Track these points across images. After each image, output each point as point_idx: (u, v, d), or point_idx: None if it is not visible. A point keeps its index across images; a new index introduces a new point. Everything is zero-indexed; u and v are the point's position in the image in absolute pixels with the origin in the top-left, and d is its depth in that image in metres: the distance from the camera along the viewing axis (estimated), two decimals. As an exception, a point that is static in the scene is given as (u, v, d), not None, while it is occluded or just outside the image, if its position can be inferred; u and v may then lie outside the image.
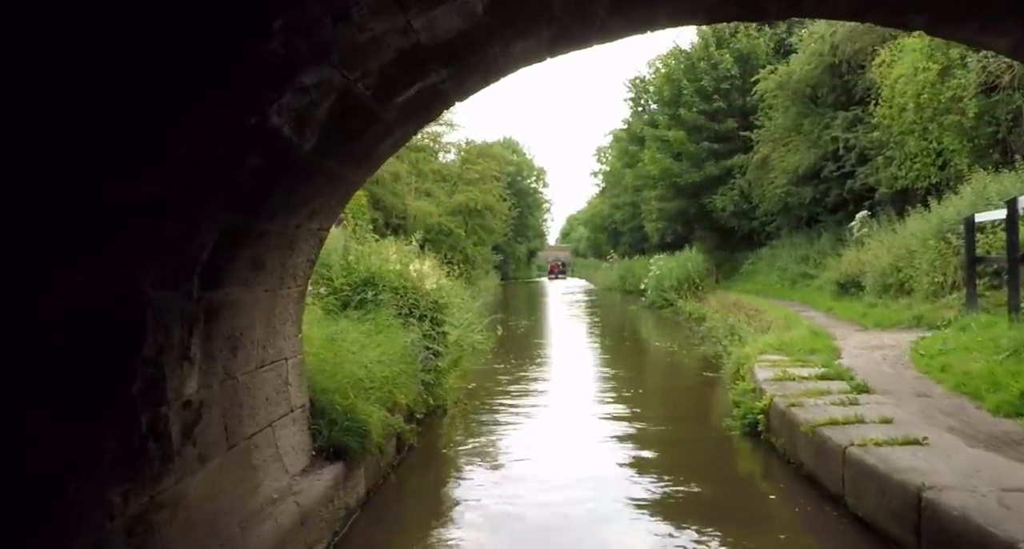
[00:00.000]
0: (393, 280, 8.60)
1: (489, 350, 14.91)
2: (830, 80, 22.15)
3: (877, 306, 14.94)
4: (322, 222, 5.21)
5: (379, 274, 8.72)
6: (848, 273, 17.72)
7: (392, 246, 9.85)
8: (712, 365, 13.51)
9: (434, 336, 8.83)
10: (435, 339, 8.86)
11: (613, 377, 12.86)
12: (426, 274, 8.95)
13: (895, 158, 17.98)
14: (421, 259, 9.59)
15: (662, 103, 33.64)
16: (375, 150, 4.97)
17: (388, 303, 8.23)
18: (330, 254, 9.33)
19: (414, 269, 8.80)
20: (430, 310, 8.82)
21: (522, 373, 12.87)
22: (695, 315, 21.37)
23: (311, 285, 8.62)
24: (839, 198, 22.39)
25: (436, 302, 8.96)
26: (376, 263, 8.73)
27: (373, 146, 4.89)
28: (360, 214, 23.24)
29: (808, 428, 6.42)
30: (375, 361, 6.68)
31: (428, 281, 8.76)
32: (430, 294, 8.81)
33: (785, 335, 12.59)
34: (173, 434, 3.79)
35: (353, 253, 9.23)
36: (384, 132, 4.75)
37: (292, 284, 5.27)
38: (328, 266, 9.04)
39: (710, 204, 30.17)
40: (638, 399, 10.82)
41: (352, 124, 4.26)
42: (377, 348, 7.09)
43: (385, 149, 5.10)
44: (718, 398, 10.78)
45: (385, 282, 8.57)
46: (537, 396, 10.74)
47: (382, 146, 4.98)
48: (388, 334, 7.68)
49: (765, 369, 9.15)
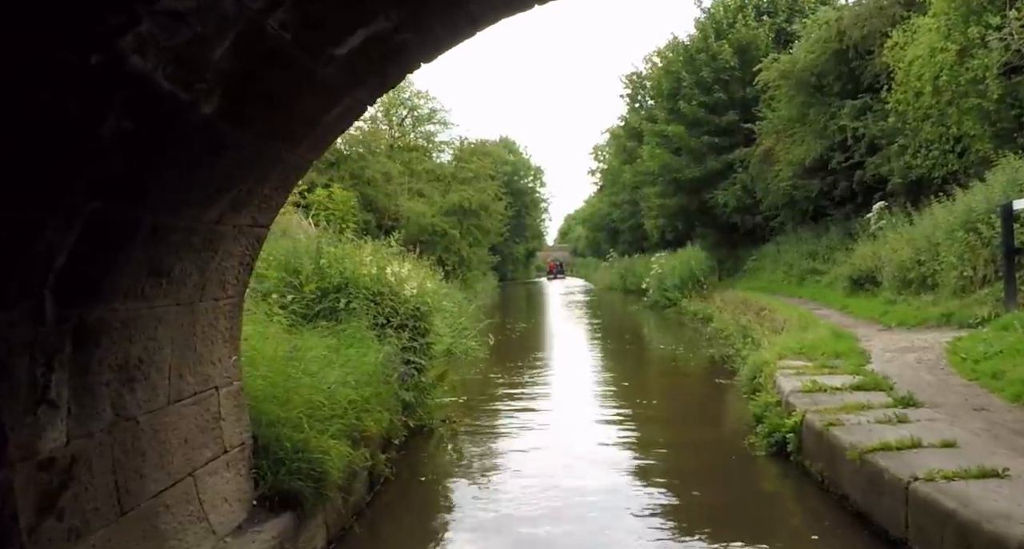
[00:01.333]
0: (367, 286, 7.52)
1: (484, 358, 13.87)
2: (836, 67, 21.04)
3: (897, 303, 13.86)
4: (256, 216, 4.12)
5: (353, 279, 7.64)
6: (862, 268, 16.63)
7: (367, 247, 8.76)
8: (723, 370, 12.43)
9: (416, 348, 7.75)
10: (417, 351, 7.78)
11: (616, 386, 11.78)
12: (405, 278, 7.86)
13: (909, 146, 16.89)
14: (401, 262, 8.48)
15: (660, 97, 32.51)
16: (317, 122, 3.88)
17: (361, 312, 7.14)
18: (301, 257, 8.28)
19: (391, 273, 7.72)
20: (411, 319, 7.74)
21: (519, 383, 11.78)
22: (700, 315, 20.31)
23: (277, 294, 7.56)
24: (847, 190, 21.27)
25: (418, 309, 7.87)
26: (350, 267, 7.65)
27: (314, 116, 3.81)
28: (350, 216, 22.24)
29: (855, 454, 5.33)
30: (339, 382, 5.59)
31: (408, 286, 7.67)
32: (411, 301, 7.73)
33: (803, 336, 11.53)
34: (20, 508, 2.70)
35: (326, 256, 8.15)
36: (325, 96, 3.66)
37: (220, 295, 4.19)
38: (297, 272, 7.98)
39: (711, 200, 29.03)
40: (645, 413, 9.74)
41: (273, 81, 3.18)
42: (344, 366, 6.00)
43: (332, 122, 4.01)
44: (734, 409, 9.69)
45: (359, 288, 7.49)
46: (534, 412, 9.64)
47: (327, 117, 3.89)
48: (359, 348, 6.60)
49: (790, 378, 8.07)
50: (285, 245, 8.69)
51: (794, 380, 7.93)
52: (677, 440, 8.18)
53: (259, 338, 5.72)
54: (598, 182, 58.48)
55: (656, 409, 9.84)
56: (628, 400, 10.37)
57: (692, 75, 30.08)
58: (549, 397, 10.58)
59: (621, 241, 48.04)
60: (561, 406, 9.82)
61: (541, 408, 9.77)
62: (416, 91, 33.50)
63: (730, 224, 29.46)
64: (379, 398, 6.17)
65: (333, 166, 27.02)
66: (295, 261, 8.12)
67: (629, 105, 43.77)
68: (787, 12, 30.49)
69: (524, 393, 10.81)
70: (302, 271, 7.95)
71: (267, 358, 5.38)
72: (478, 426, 8.78)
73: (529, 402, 10.17)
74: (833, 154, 20.96)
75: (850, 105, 20.25)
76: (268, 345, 5.72)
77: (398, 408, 7.20)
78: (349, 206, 22.22)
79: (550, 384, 11.68)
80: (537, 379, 12.00)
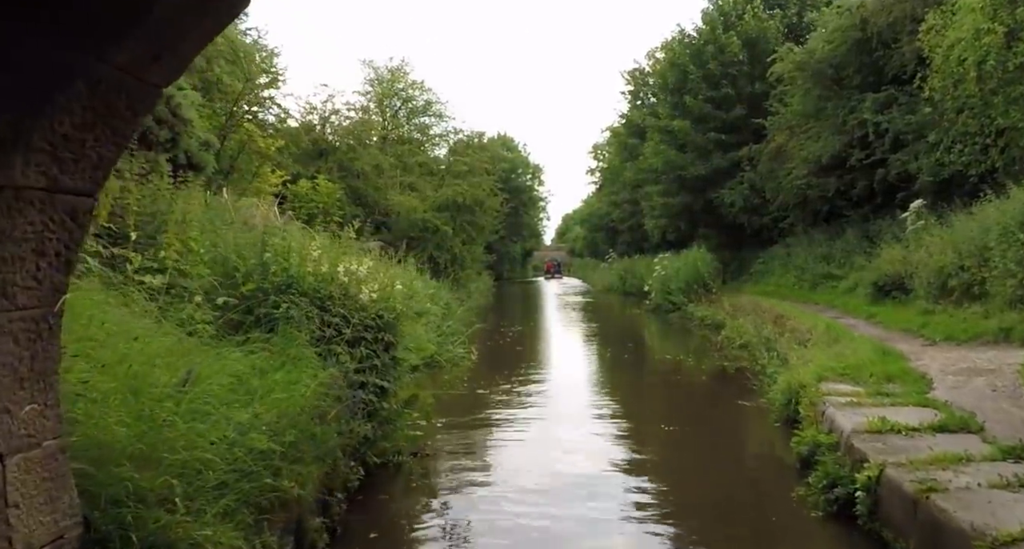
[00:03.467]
0: (313, 287, 5.83)
1: (472, 366, 12.17)
2: (857, 58, 19.36)
3: (935, 313, 12.19)
4: (54, 173, 2.42)
5: (298, 278, 5.95)
6: (889, 274, 14.96)
7: (316, 237, 7.03)
8: (744, 388, 10.74)
9: (378, 367, 6.05)
10: (379, 371, 6.08)
11: (619, 407, 10.06)
12: (364, 279, 6.12)
13: (942, 141, 15.20)
14: (359, 257, 6.71)
15: (665, 91, 30.79)
16: (147, 10, 2.18)
17: (303, 322, 5.44)
18: (243, 250, 6.59)
19: (344, 271, 6.00)
20: (371, 329, 6.03)
21: (508, 402, 10.07)
22: (708, 321, 18.59)
23: (203, 295, 5.88)
24: (866, 190, 19.59)
25: (380, 318, 6.16)
26: (296, 263, 5.95)
27: None
28: (335, 209, 20.56)
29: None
30: (248, 426, 3.89)
31: (366, 288, 5.95)
32: (370, 307, 6.01)
33: (838, 352, 9.88)
34: None
35: (271, 248, 6.45)
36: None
37: (3, 306, 2.49)
38: (236, 268, 6.29)
39: (717, 199, 27.36)
40: (655, 444, 8.03)
41: None
42: (264, 400, 4.31)
43: (174, 12, 2.30)
44: (766, 441, 8.02)
45: (304, 289, 5.80)
46: (522, 443, 7.86)
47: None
48: (291, 372, 4.90)
49: (845, 411, 6.38)
50: (229, 237, 7.01)
51: (851, 413, 6.25)
52: (700, 491, 6.45)
53: (145, 360, 4.03)
54: (597, 181, 56.80)
55: (668, 443, 8.10)
56: (633, 429, 8.61)
57: (699, 69, 28.43)
58: (542, 421, 8.82)
59: (620, 241, 46.26)
60: (555, 436, 8.08)
61: (531, 438, 8.01)
62: (411, 82, 31.79)
63: (736, 225, 27.81)
64: (313, 442, 4.47)
65: (321, 157, 25.39)
66: (233, 255, 6.43)
67: (631, 102, 42.10)
68: (799, 4, 28.84)
69: (513, 416, 9.09)
70: (240, 267, 6.26)
71: (144, 391, 3.68)
72: (456, 459, 7.08)
73: (518, 429, 8.42)
74: (852, 151, 19.29)
75: (871, 98, 18.58)
76: (158, 370, 4.04)
77: (351, 446, 5.51)
78: (334, 199, 20.55)
79: (544, 403, 9.91)
80: (529, 397, 10.28)
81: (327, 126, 26.10)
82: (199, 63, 14.29)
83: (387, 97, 31.20)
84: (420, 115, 32.22)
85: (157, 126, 8.78)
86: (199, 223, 7.06)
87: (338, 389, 5.11)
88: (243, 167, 15.25)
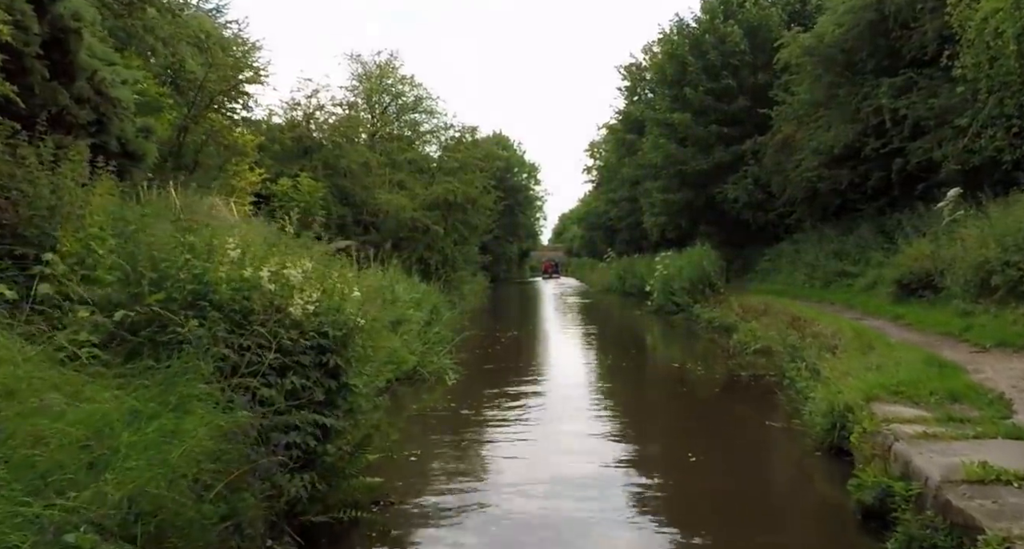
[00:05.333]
0: (228, 298, 4.39)
1: (459, 380, 10.73)
2: (871, 41, 17.92)
3: (976, 315, 10.77)
4: None
5: (215, 285, 4.50)
6: (915, 270, 13.53)
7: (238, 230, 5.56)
8: (768, 402, 9.32)
9: (322, 402, 4.60)
10: (323, 405, 4.63)
11: (626, 430, 8.59)
12: (298, 286, 4.62)
13: (973, 125, 13.78)
14: (296, 258, 5.17)
15: (664, 84, 29.34)
16: None
17: (205, 345, 3.99)
18: (159, 253, 5.13)
19: (269, 275, 4.50)
20: (309, 351, 4.57)
21: (498, 424, 8.60)
22: (717, 323, 17.14)
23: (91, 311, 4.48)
24: (882, 181, 18.15)
25: (323, 335, 4.68)
26: (205, 266, 4.50)
27: None
28: (317, 208, 19.12)
29: None
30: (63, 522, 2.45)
31: (300, 298, 4.45)
32: (307, 323, 4.54)
33: (874, 359, 8.48)
34: None
35: (191, 248, 5.00)
36: None
37: None
38: (142, 274, 4.84)
39: (720, 194, 25.93)
40: (676, 477, 6.57)
41: None
42: (121, 465, 2.87)
43: None
44: (810, 477, 6.57)
45: (219, 301, 4.35)
46: (512, 485, 6.35)
47: None
48: (185, 417, 3.45)
49: (921, 447, 4.95)
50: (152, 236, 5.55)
51: (929, 450, 4.82)
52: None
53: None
54: (594, 180, 55.40)
55: (692, 476, 6.64)
56: (644, 461, 7.13)
57: (698, 60, 27.02)
58: (535, 451, 7.31)
59: (618, 240, 44.79)
60: (549, 472, 6.61)
61: (528, 474, 6.53)
62: (401, 77, 30.31)
63: (739, 221, 26.40)
64: (192, 526, 3.02)
65: (306, 155, 23.92)
66: (146, 258, 4.99)
67: (627, 98, 40.67)
68: (802, -10, 27.42)
69: (501, 444, 7.61)
70: (146, 273, 4.81)
71: None
72: (430, 509, 5.62)
73: (510, 461, 6.96)
74: (867, 140, 17.86)
75: (888, 83, 17.14)
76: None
77: (276, 511, 4.06)
78: (317, 197, 19.10)
79: (537, 426, 8.36)
80: (523, 417, 8.79)
81: (311, 122, 24.63)
82: (157, 46, 12.85)
83: (376, 93, 29.73)
84: (410, 112, 30.75)
85: (76, 105, 7.33)
86: (109, 219, 5.62)
87: (242, 439, 3.66)
88: (209, 162, 13.77)
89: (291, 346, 4.37)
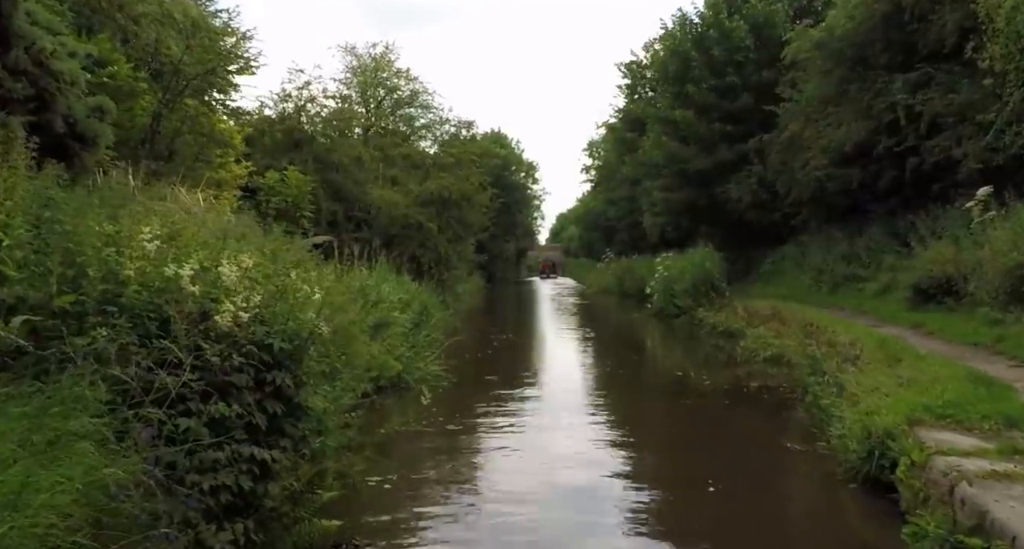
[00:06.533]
0: (136, 301, 3.48)
1: (447, 388, 9.82)
2: (885, 34, 17.03)
3: (1008, 324, 9.88)
4: None
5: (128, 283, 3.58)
6: (935, 275, 12.65)
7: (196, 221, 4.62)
8: (784, 417, 8.44)
9: (266, 431, 3.69)
10: (267, 437, 3.71)
11: (632, 448, 7.66)
12: (231, 287, 3.69)
13: (997, 121, 12.89)
14: (232, 254, 4.19)
15: (666, 80, 28.42)
16: None
17: (94, 363, 3.08)
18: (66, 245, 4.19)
19: (189, 274, 3.57)
20: (245, 370, 3.64)
21: (489, 440, 7.68)
22: (721, 328, 16.24)
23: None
24: (894, 181, 17.28)
25: (266, 348, 3.75)
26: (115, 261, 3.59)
27: None
28: (305, 203, 18.20)
29: None
30: None
31: (231, 303, 3.51)
32: (243, 332, 3.61)
33: (904, 373, 7.60)
34: None
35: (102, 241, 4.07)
36: None
37: None
38: (50, 270, 3.92)
39: (723, 194, 25.03)
40: (695, 512, 5.66)
41: None
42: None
43: None
44: (848, 517, 5.66)
45: (132, 305, 3.45)
46: (510, 520, 5.45)
47: None
48: (66, 461, 2.54)
49: (995, 492, 4.05)
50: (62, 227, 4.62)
51: (1010, 499, 3.93)
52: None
53: None
54: (592, 179, 54.52)
55: (710, 513, 5.72)
56: (658, 499, 6.18)
57: (702, 55, 26.11)
58: (527, 482, 6.36)
59: (617, 241, 43.88)
60: (543, 511, 5.69)
61: (522, 511, 5.61)
62: (396, 70, 29.35)
63: (741, 222, 25.50)
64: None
65: (296, 148, 22.96)
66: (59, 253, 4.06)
67: (627, 96, 39.77)
68: (809, -14, 26.53)
69: (488, 468, 6.69)
70: (55, 270, 3.88)
71: None
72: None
73: (493, 496, 6.00)
74: (880, 138, 16.97)
75: (903, 78, 16.25)
76: None
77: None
78: (305, 191, 18.17)
79: (531, 450, 7.36)
80: (516, 433, 7.87)
81: (302, 115, 23.68)
82: (128, 26, 11.91)
83: (370, 86, 28.77)
84: (406, 106, 29.80)
85: (10, 77, 6.40)
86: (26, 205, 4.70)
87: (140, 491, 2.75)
88: (185, 151, 12.83)
89: (219, 363, 3.45)
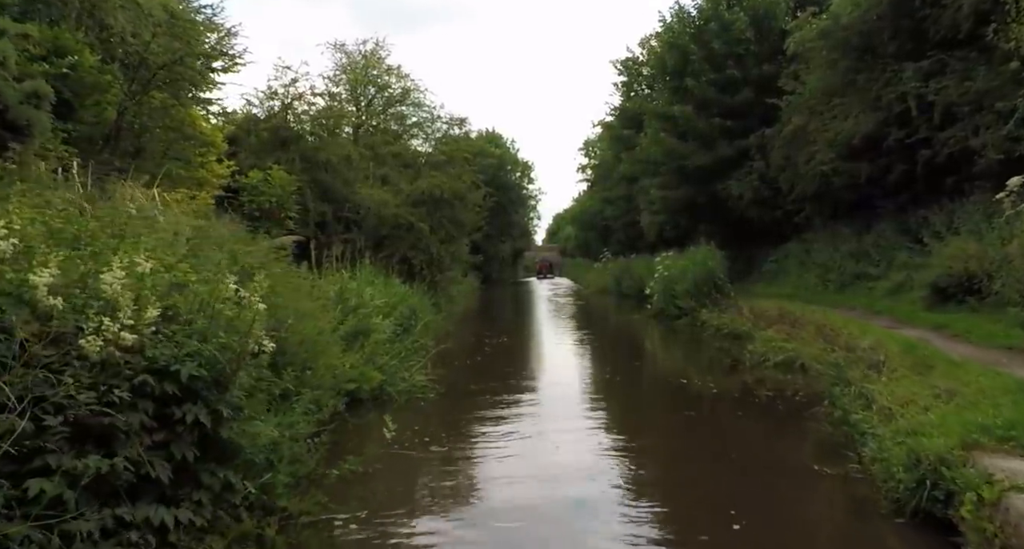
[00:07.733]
0: None
1: (434, 401, 8.93)
2: (894, 21, 16.19)
3: (1042, 325, 9.05)
4: None
5: None
6: (957, 273, 11.81)
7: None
8: (805, 430, 7.56)
9: (169, 483, 2.82)
10: (174, 490, 2.84)
11: (640, 468, 6.78)
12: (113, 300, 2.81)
13: (1019, 108, 12.05)
14: (133, 251, 3.30)
15: (664, 75, 27.56)
16: None
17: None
18: None
19: (46, 283, 2.65)
20: (142, 401, 2.75)
21: (479, 465, 6.79)
22: (727, 330, 15.37)
23: None
24: (905, 175, 16.44)
25: (174, 376, 2.86)
26: None
27: None
28: (289, 203, 17.32)
29: None
30: None
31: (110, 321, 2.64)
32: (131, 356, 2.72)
33: (941, 382, 6.75)
34: None
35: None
36: None
37: None
38: None
39: (723, 191, 24.16)
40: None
41: None
42: None
43: None
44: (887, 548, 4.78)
45: None
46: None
47: None
48: None
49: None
50: None
51: None
52: None
53: None
54: (589, 178, 53.67)
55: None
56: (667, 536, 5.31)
57: (701, 49, 25.24)
58: (508, 523, 5.50)
59: (614, 240, 43.01)
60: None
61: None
62: (387, 68, 28.42)
63: (742, 219, 24.64)
64: None
65: (283, 146, 22.05)
66: None
67: (623, 93, 38.89)
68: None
69: (467, 503, 5.80)
70: None
71: None
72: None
73: (477, 535, 5.12)
74: (889, 129, 16.12)
75: (913, 68, 15.40)
76: None
77: None
78: (289, 191, 17.29)
79: (528, 481, 6.48)
80: (510, 455, 6.99)
81: (289, 113, 22.77)
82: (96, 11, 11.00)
83: (360, 84, 27.86)
84: (397, 104, 28.89)
85: (-84, 54, 5.50)
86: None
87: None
88: (153, 148, 11.92)
89: (94, 398, 2.57)
